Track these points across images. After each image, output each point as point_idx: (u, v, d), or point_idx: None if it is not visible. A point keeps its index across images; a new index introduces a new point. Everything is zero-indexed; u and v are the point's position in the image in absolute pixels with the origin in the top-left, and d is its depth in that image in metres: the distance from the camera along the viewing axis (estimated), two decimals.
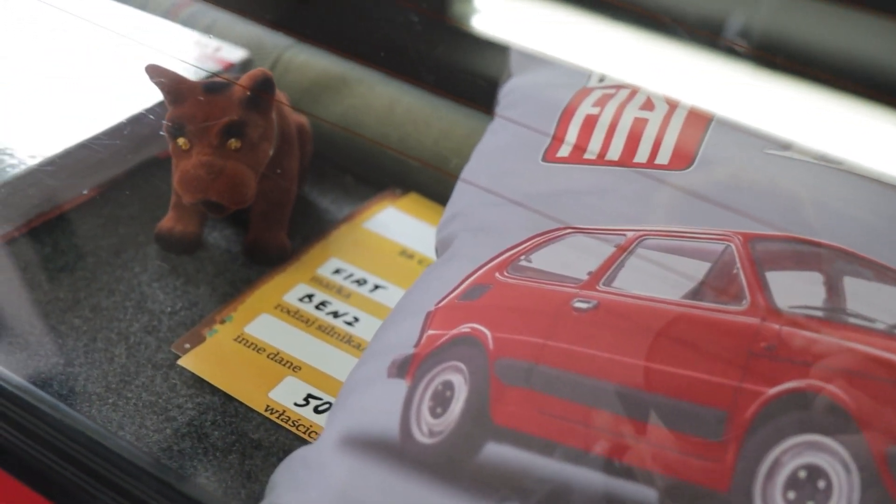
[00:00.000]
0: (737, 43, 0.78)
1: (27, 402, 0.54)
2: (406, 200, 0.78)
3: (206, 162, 0.60)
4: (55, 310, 0.63)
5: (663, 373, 0.45)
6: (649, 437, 0.44)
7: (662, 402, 0.44)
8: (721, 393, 0.44)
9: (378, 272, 0.69)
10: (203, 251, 0.69)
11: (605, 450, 0.43)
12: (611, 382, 0.45)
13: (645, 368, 0.45)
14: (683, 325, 0.47)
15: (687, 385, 0.44)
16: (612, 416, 0.44)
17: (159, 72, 0.60)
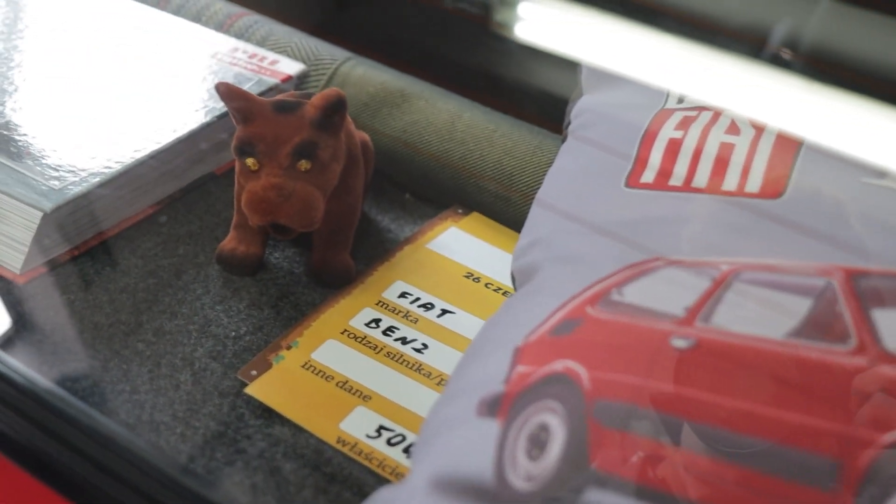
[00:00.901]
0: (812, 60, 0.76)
1: (96, 431, 0.53)
2: (469, 220, 0.76)
3: (276, 184, 0.58)
4: (118, 333, 0.61)
5: (769, 417, 0.43)
6: (757, 486, 0.42)
7: (769, 449, 0.42)
8: (831, 440, 0.42)
9: (445, 296, 0.67)
10: (265, 272, 0.68)
11: (711, 498, 0.41)
12: (715, 427, 0.42)
13: (749, 412, 0.43)
14: (787, 366, 0.44)
15: (794, 430, 0.42)
16: (717, 462, 0.42)
17: (229, 90, 0.59)
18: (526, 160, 0.75)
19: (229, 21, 0.87)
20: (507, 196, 0.75)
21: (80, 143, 0.68)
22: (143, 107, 0.73)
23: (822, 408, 0.43)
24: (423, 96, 0.80)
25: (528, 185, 0.75)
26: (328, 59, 0.84)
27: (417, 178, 0.80)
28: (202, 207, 0.73)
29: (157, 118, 0.72)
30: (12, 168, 0.65)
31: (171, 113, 0.73)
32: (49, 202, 0.62)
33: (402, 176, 0.80)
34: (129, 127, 0.71)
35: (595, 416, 0.43)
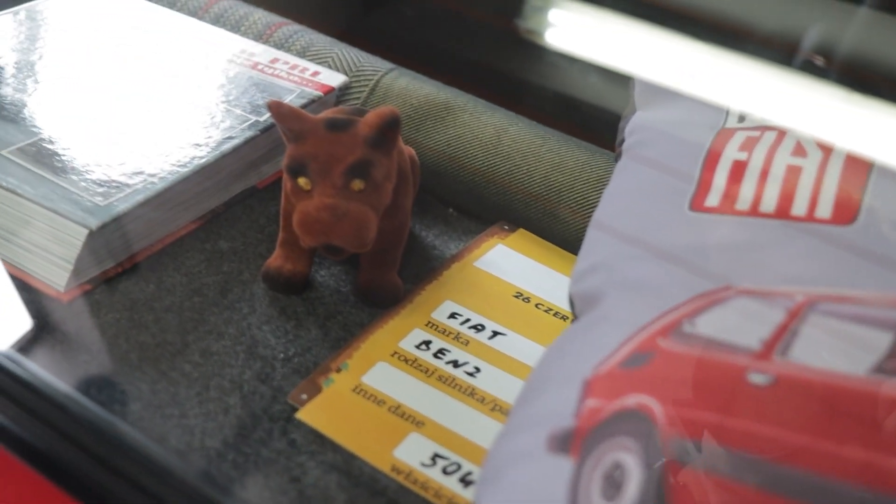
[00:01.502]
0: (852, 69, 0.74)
1: (149, 460, 0.52)
2: (516, 237, 0.74)
3: (330, 204, 0.57)
4: (165, 354, 0.60)
5: (856, 459, 0.41)
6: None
7: (859, 494, 0.40)
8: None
9: (495, 317, 0.66)
10: (312, 291, 0.66)
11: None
12: (799, 468, 0.41)
13: (835, 454, 0.41)
14: (873, 405, 0.43)
15: (883, 474, 0.41)
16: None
17: (281, 109, 0.57)
18: (574, 176, 0.74)
19: (269, 31, 0.86)
20: (555, 213, 0.74)
21: (123, 159, 0.67)
22: (184, 120, 0.72)
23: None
24: (468, 109, 0.79)
25: (576, 202, 0.73)
26: (370, 69, 0.83)
27: (462, 193, 0.78)
28: (245, 223, 0.72)
29: (199, 132, 0.71)
30: (56, 183, 0.64)
31: (214, 126, 0.72)
32: (95, 219, 0.61)
33: (446, 190, 0.79)
34: (172, 141, 0.69)
35: (672, 455, 0.42)
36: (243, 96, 0.76)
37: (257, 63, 0.80)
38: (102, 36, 0.82)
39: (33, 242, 0.63)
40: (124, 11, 0.86)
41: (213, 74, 0.78)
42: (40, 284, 0.63)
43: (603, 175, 0.73)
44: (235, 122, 0.72)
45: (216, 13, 0.88)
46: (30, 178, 0.64)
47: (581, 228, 0.72)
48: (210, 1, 0.89)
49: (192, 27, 0.84)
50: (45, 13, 0.84)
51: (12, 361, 0.56)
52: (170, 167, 0.67)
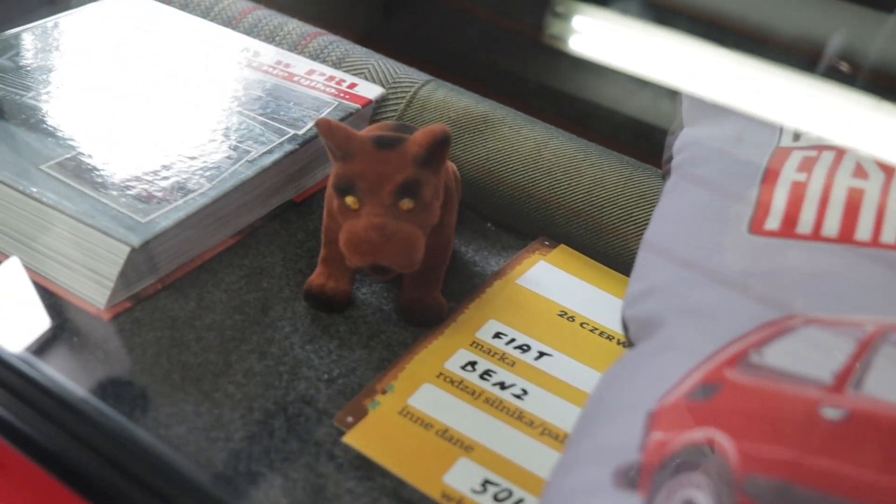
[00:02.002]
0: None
1: (194, 486, 0.50)
2: (557, 253, 0.73)
3: (378, 224, 0.56)
4: (207, 374, 0.59)
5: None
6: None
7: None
8: None
9: (541, 337, 0.64)
10: (354, 309, 0.65)
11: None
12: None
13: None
14: None
15: None
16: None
17: (330, 127, 0.56)
18: (617, 192, 0.72)
19: (304, 42, 0.85)
20: (597, 229, 0.73)
21: (162, 173, 0.66)
22: (223, 134, 0.71)
23: None
24: (507, 122, 0.78)
25: (619, 218, 0.72)
26: (406, 81, 0.81)
27: (501, 208, 0.77)
28: (283, 237, 0.71)
29: (239, 146, 0.70)
30: (96, 199, 0.62)
31: (253, 140, 0.71)
32: (137, 237, 0.60)
33: (484, 205, 0.78)
34: (212, 155, 0.68)
35: (747, 494, 0.40)
36: (281, 109, 0.75)
37: (293, 74, 0.79)
38: (134, 46, 0.81)
39: (73, 259, 0.62)
40: (155, 21, 0.85)
41: (251, 86, 0.77)
42: (80, 301, 0.62)
43: (646, 191, 0.72)
44: (275, 136, 0.71)
45: (250, 23, 0.87)
46: (70, 194, 0.63)
47: (624, 245, 0.71)
48: (244, 10, 0.88)
49: (227, 37, 0.83)
50: (75, 24, 0.83)
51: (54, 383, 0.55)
52: (210, 182, 0.66)
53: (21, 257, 0.63)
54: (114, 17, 0.85)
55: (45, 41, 0.80)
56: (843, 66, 0.82)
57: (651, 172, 0.73)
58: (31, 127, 0.68)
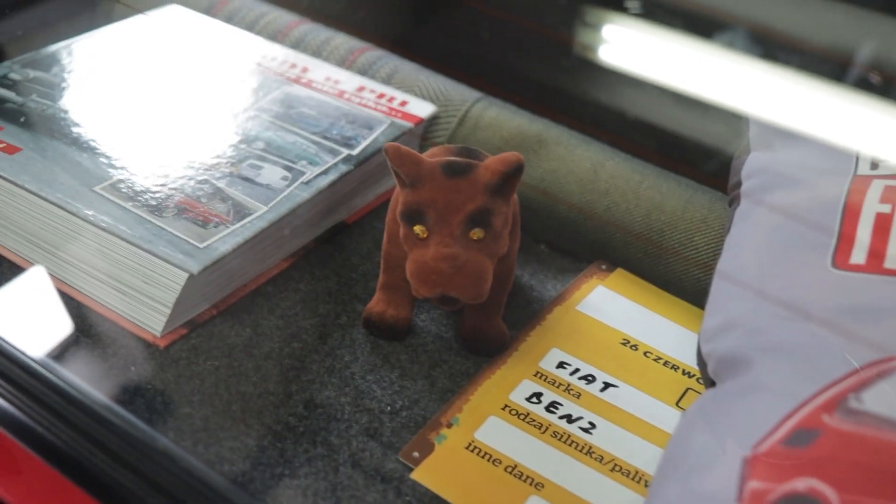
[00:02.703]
0: None
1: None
2: (615, 278, 0.71)
3: (449, 254, 0.54)
4: (267, 405, 0.57)
5: None
6: None
7: None
8: None
9: (605, 367, 0.63)
10: (413, 337, 0.64)
11: None
12: None
13: None
14: None
15: None
16: None
17: (399, 153, 0.54)
18: (677, 215, 0.71)
19: (352, 57, 0.83)
20: (656, 253, 0.71)
21: (218, 196, 0.64)
22: (277, 155, 0.69)
23: None
24: (562, 142, 0.76)
25: (679, 243, 0.70)
26: (458, 99, 0.80)
27: (556, 230, 0.75)
28: (337, 261, 0.69)
29: (294, 167, 0.68)
30: (152, 223, 0.61)
31: (307, 161, 0.69)
32: (196, 263, 0.58)
33: (538, 226, 0.76)
34: (267, 177, 0.67)
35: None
36: (333, 128, 0.73)
37: (343, 91, 0.78)
38: (179, 60, 0.79)
39: (128, 284, 0.60)
40: (200, 34, 0.83)
41: (301, 103, 0.75)
42: (135, 328, 0.60)
43: (707, 215, 0.70)
44: (329, 156, 0.70)
45: (297, 37, 0.85)
46: (125, 217, 0.61)
47: (685, 270, 0.69)
48: (290, 24, 0.86)
49: (274, 52, 0.82)
50: (119, 37, 0.82)
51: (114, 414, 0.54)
52: (266, 205, 0.64)
53: (74, 281, 0.61)
54: (157, 30, 0.83)
55: (89, 55, 0.78)
56: (874, 75, 0.81)
57: (711, 196, 0.72)
58: (82, 146, 0.67)
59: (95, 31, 0.81)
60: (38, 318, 0.60)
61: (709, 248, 0.69)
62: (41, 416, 0.53)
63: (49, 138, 0.67)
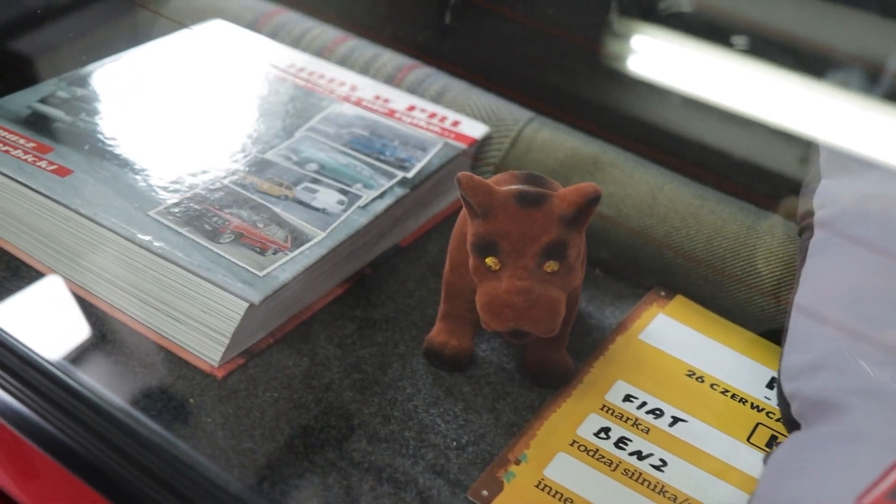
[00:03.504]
0: None
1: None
2: (675, 305, 0.70)
3: (523, 288, 0.52)
4: (330, 439, 0.56)
5: None
6: None
7: None
8: None
9: (672, 400, 0.61)
10: (475, 368, 0.62)
11: None
12: None
13: None
14: None
15: None
16: None
17: (473, 184, 0.53)
18: (739, 242, 0.69)
19: (400, 74, 0.82)
20: (718, 280, 0.69)
21: (275, 222, 0.63)
22: (332, 178, 0.68)
23: None
24: (618, 165, 0.74)
25: (742, 270, 0.68)
26: (510, 119, 0.78)
27: (613, 254, 0.74)
28: (392, 286, 0.68)
29: (348, 190, 0.66)
30: (209, 249, 0.59)
31: (362, 184, 0.67)
32: (256, 292, 0.57)
33: (595, 250, 0.74)
34: (322, 201, 0.65)
35: None
36: (386, 149, 0.71)
37: (394, 111, 0.76)
38: (227, 80, 0.78)
39: (185, 312, 0.58)
40: (246, 53, 0.82)
41: (352, 123, 0.74)
42: (192, 357, 0.58)
43: (769, 241, 0.68)
44: (384, 179, 0.68)
45: (343, 53, 0.84)
46: (181, 243, 0.59)
47: (747, 298, 0.68)
48: (336, 40, 0.85)
49: (321, 69, 0.80)
50: (164, 53, 0.80)
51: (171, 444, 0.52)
52: (324, 230, 0.62)
53: (127, 308, 0.60)
54: (202, 46, 0.81)
55: (135, 72, 0.76)
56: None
57: (774, 221, 0.70)
58: (134, 168, 0.65)
59: (140, 48, 0.80)
60: (92, 346, 0.59)
61: (773, 276, 0.67)
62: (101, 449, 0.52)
63: (100, 160, 0.66)
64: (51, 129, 0.68)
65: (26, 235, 0.62)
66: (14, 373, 0.55)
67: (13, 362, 0.54)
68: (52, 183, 0.62)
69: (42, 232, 0.62)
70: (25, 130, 0.67)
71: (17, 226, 0.63)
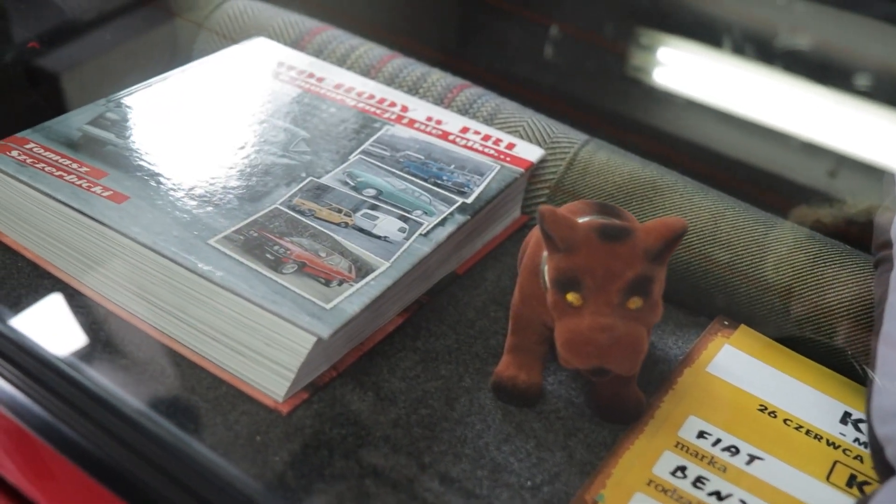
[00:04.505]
0: None
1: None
2: (740, 336, 0.68)
3: (606, 325, 0.51)
4: (402, 479, 0.54)
5: None
6: None
7: None
8: None
9: (746, 437, 0.59)
10: (544, 403, 0.60)
11: None
12: None
13: None
14: None
15: None
16: None
17: (555, 218, 0.51)
18: (806, 271, 0.67)
19: (450, 94, 0.80)
20: (784, 310, 0.68)
21: (338, 249, 0.61)
22: (392, 204, 0.66)
23: None
24: (678, 189, 0.73)
25: (811, 301, 0.67)
26: (565, 141, 0.77)
27: (673, 282, 0.71)
28: (452, 315, 0.66)
29: (408, 217, 0.65)
30: (273, 280, 0.58)
31: (422, 210, 0.66)
32: (325, 327, 0.55)
33: None
34: (384, 228, 0.63)
35: None
36: (443, 173, 0.70)
37: (447, 133, 0.74)
38: (275, 101, 0.76)
39: (248, 345, 0.57)
40: (294, 72, 0.80)
41: (407, 146, 0.72)
42: (255, 392, 0.57)
43: (838, 271, 0.67)
44: (443, 205, 0.66)
45: (391, 72, 0.82)
46: (244, 273, 0.58)
47: (815, 330, 0.66)
48: (383, 58, 0.83)
49: (371, 90, 0.78)
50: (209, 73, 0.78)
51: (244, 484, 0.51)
52: (388, 260, 0.61)
53: (187, 340, 0.58)
54: (246, 65, 0.80)
55: (182, 91, 0.75)
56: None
57: (842, 250, 0.68)
58: (189, 193, 0.63)
59: (186, 67, 0.78)
60: (151, 379, 0.57)
61: (842, 307, 0.65)
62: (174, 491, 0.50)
63: (154, 184, 0.64)
64: (103, 152, 0.66)
65: (80, 263, 0.61)
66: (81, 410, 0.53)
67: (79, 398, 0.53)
68: (108, 210, 0.61)
69: (96, 259, 0.60)
70: (78, 154, 0.65)
71: (71, 253, 0.61)
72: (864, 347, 0.62)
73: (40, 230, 0.62)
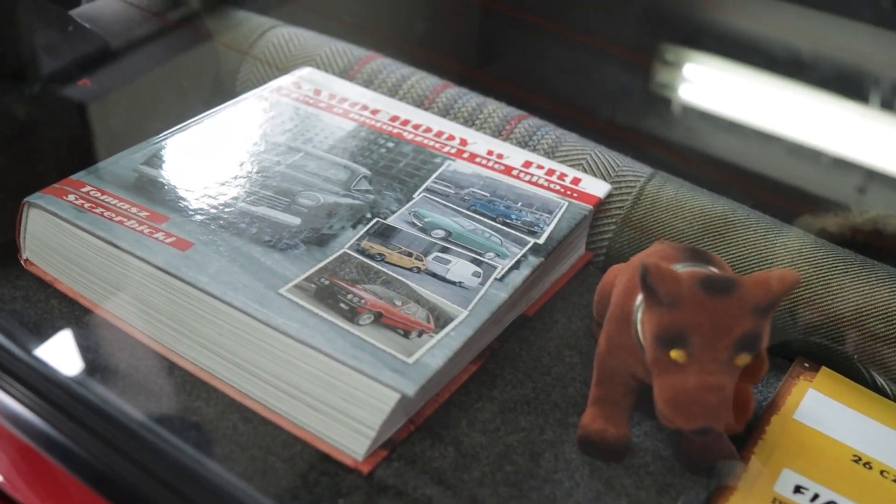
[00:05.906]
0: None
1: None
2: (822, 379, 0.65)
3: (716, 385, 0.48)
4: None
5: None
6: None
7: None
8: None
9: (844, 491, 0.57)
10: (631, 456, 0.58)
11: None
12: None
13: None
14: None
15: None
16: None
17: (660, 273, 0.48)
18: (890, 311, 0.65)
19: (508, 126, 0.78)
20: (869, 352, 0.65)
21: (414, 297, 0.58)
22: (463, 247, 0.63)
23: None
24: (751, 225, 0.70)
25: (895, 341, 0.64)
26: (630, 175, 0.74)
27: None
28: (526, 361, 0.63)
29: (481, 260, 0.62)
30: (350, 332, 0.55)
31: (494, 252, 0.63)
32: (410, 383, 0.52)
33: None
34: (458, 273, 0.61)
35: None
36: (511, 211, 0.67)
37: (510, 167, 0.72)
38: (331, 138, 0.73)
39: (325, 402, 0.54)
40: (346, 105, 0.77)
41: (470, 183, 0.69)
42: (332, 450, 0.54)
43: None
44: (515, 247, 0.64)
45: (445, 103, 0.79)
46: (319, 326, 0.55)
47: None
48: (436, 88, 0.80)
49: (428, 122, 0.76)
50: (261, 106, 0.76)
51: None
52: (465, 308, 0.58)
53: (259, 395, 0.55)
54: (297, 98, 0.77)
55: (233, 126, 0.72)
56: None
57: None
58: (254, 238, 0.61)
59: (234, 102, 0.75)
60: (224, 437, 0.54)
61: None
62: None
63: (217, 229, 0.61)
64: (161, 194, 0.63)
65: (146, 315, 0.58)
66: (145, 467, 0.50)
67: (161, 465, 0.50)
68: (173, 258, 0.58)
69: (161, 310, 0.58)
70: (136, 197, 0.62)
71: (135, 303, 0.58)
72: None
73: (100, 279, 0.59)
